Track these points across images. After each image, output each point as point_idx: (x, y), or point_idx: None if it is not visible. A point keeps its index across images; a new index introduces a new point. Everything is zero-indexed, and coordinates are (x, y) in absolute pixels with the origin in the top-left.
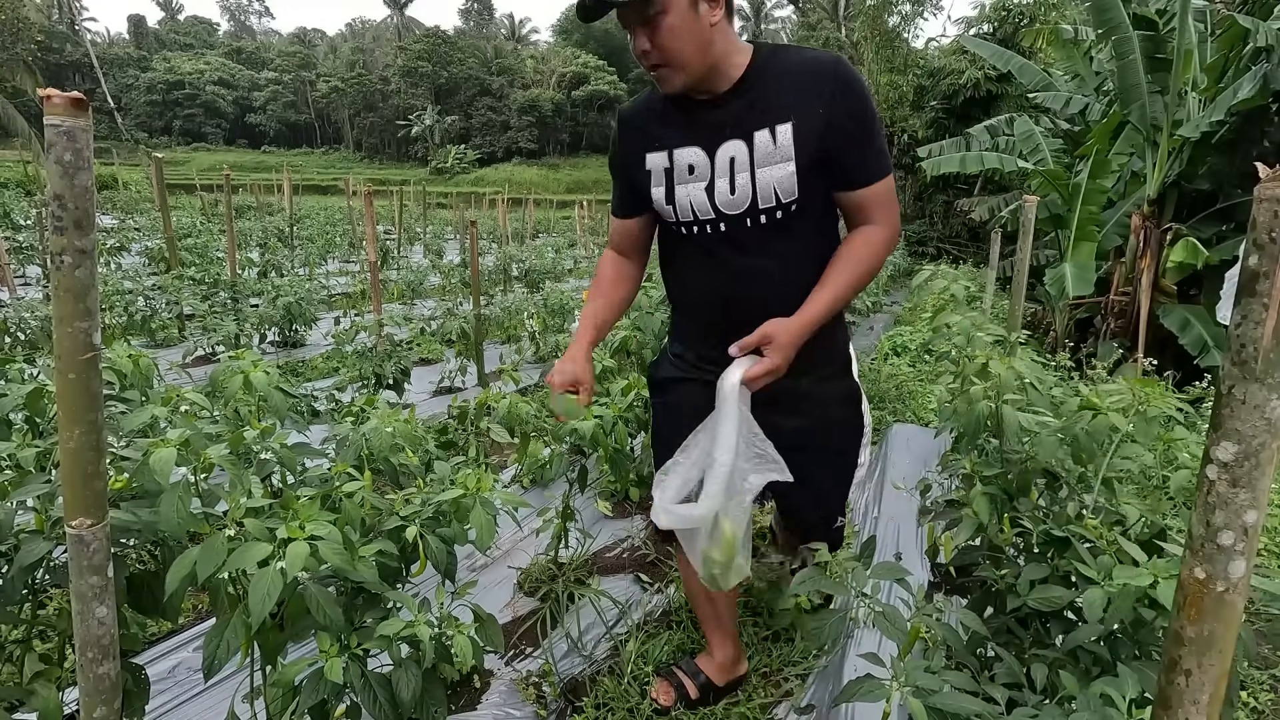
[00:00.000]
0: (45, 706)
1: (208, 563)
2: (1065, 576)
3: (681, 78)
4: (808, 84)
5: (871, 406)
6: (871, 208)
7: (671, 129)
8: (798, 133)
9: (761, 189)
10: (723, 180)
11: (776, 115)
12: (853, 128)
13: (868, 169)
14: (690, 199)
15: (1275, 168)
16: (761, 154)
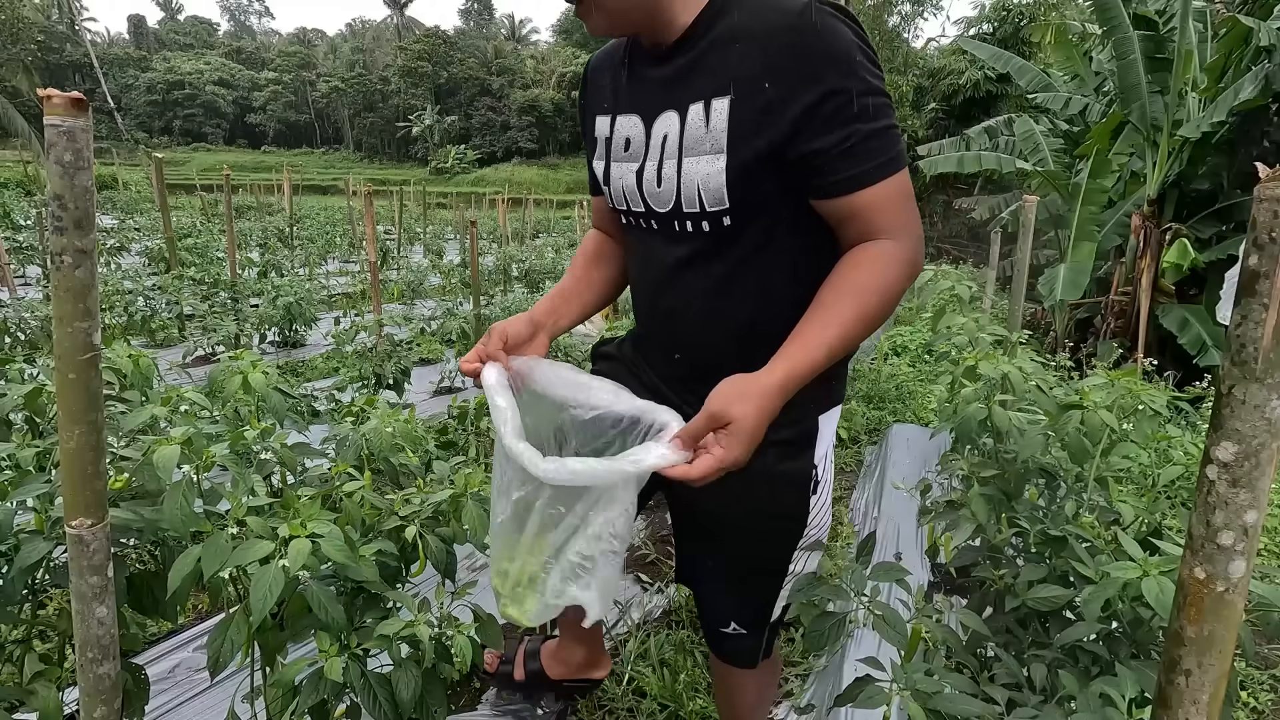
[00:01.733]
0: (45, 706)
1: (211, 560)
2: (1064, 576)
3: (604, 18)
4: (759, 43)
5: (871, 406)
6: (872, 217)
7: (621, 87)
8: (735, 114)
9: (685, 186)
10: (652, 164)
11: (717, 85)
12: (822, 108)
13: (857, 165)
14: (622, 183)
15: (1275, 168)
16: (691, 136)
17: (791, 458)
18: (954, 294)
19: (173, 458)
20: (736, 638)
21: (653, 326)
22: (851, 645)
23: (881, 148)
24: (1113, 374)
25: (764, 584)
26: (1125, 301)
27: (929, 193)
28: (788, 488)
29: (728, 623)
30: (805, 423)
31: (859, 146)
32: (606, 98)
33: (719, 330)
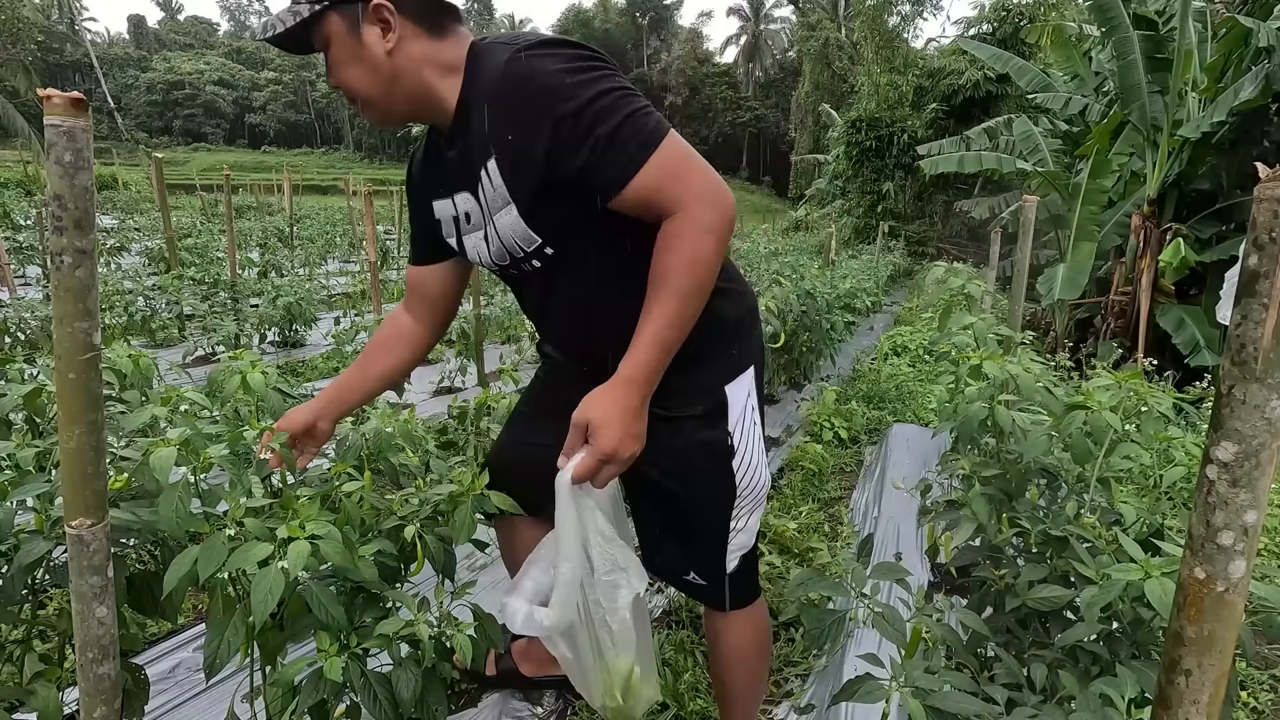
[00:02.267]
0: (45, 706)
1: (208, 562)
2: (1064, 576)
3: (377, 114)
4: (496, 105)
5: (871, 406)
6: (654, 199)
7: (445, 169)
8: (502, 170)
9: (505, 240)
10: (489, 229)
11: (483, 151)
12: (559, 135)
13: (618, 163)
14: (477, 250)
15: (1275, 168)
16: (488, 199)
17: (708, 429)
18: (964, 293)
19: (169, 459)
20: (699, 586)
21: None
22: (852, 645)
23: (628, 137)
24: (1117, 375)
25: (710, 540)
26: (1125, 301)
27: (929, 193)
28: (709, 457)
29: (687, 572)
30: (715, 395)
31: (607, 148)
32: (440, 181)
33: (604, 334)
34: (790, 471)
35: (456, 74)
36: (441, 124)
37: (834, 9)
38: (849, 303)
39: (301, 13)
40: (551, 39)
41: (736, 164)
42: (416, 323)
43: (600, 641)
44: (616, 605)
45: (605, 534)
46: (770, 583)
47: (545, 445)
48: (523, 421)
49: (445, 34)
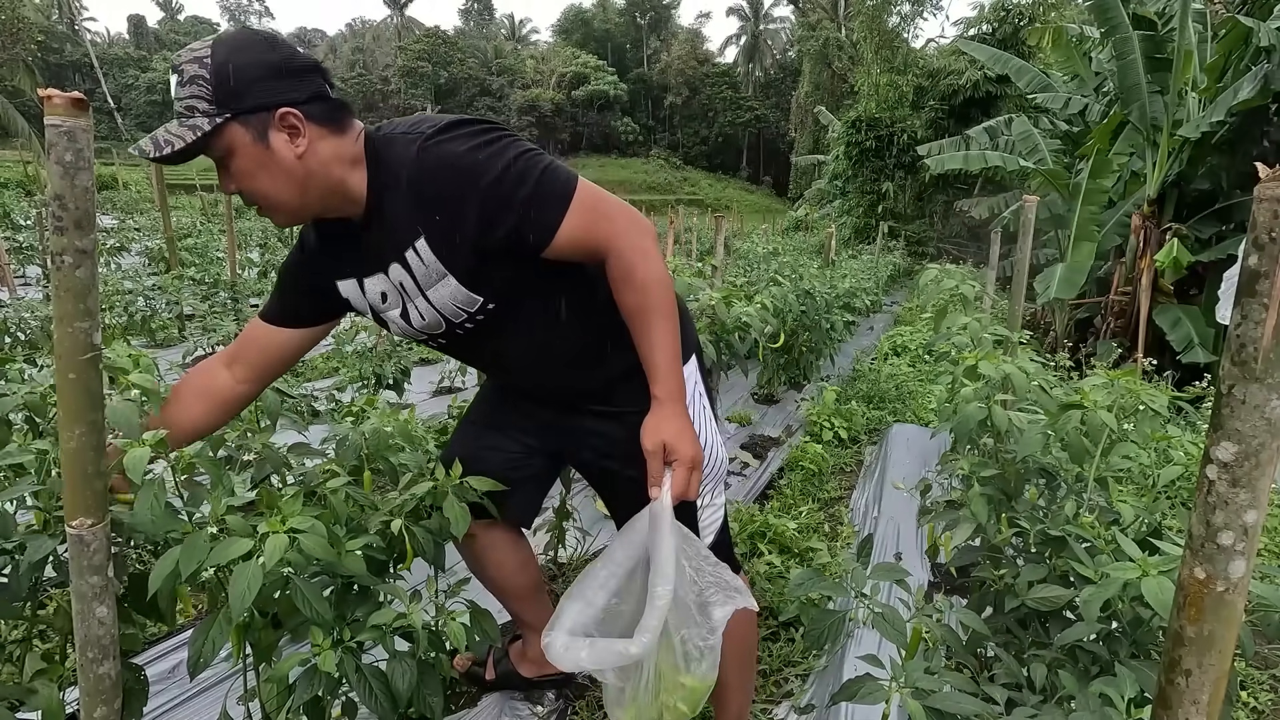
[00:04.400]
0: (47, 705)
1: (189, 560)
2: (1064, 576)
3: (286, 217)
4: (416, 190)
5: (871, 406)
6: (585, 243)
7: (351, 254)
8: (434, 246)
9: (442, 309)
10: (411, 305)
11: (409, 233)
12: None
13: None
14: (396, 325)
15: (1275, 168)
16: (420, 276)
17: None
18: (958, 294)
19: (143, 459)
20: None
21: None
22: (852, 645)
23: (548, 192)
24: (1113, 374)
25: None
26: (1125, 301)
27: (929, 193)
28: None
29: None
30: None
31: (531, 208)
32: (343, 264)
33: (555, 369)
34: (790, 471)
35: (361, 165)
36: (352, 213)
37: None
38: (848, 302)
39: (201, 127)
40: (450, 121)
41: (736, 164)
42: (239, 384)
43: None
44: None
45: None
46: (770, 582)
47: (499, 450)
48: (472, 430)
49: (345, 129)
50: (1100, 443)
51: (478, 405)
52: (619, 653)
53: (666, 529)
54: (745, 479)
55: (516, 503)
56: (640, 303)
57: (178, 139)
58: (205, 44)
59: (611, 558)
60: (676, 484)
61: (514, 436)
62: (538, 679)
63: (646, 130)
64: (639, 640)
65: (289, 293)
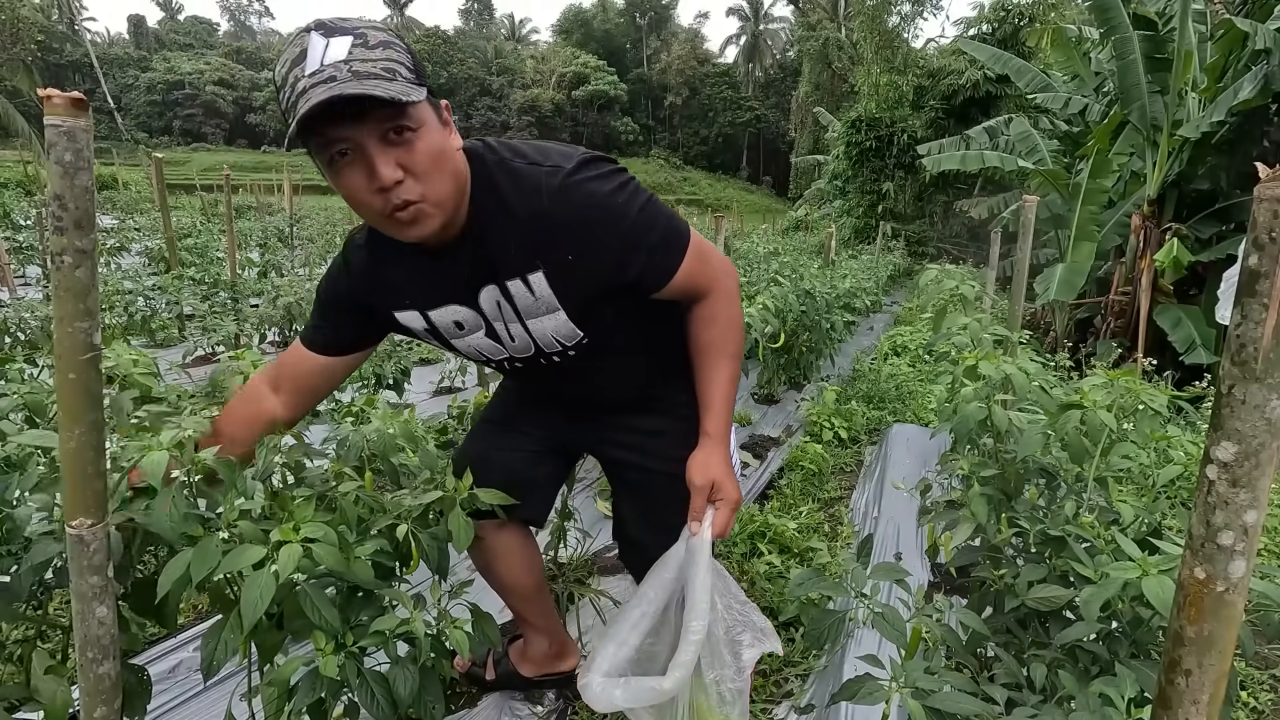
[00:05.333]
0: (52, 702)
1: (201, 566)
2: (1064, 576)
3: (438, 218)
4: (542, 226)
5: (871, 406)
6: (689, 287)
7: (413, 284)
8: (554, 281)
9: (540, 338)
10: (500, 325)
11: (523, 265)
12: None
13: (663, 268)
14: (476, 347)
15: (1275, 168)
16: (524, 306)
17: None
18: (957, 294)
19: (161, 462)
20: None
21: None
22: (852, 645)
23: (671, 240)
24: (1112, 374)
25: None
26: (1125, 301)
27: (929, 193)
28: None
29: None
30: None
31: (655, 254)
32: (406, 295)
33: (616, 391)
34: (790, 471)
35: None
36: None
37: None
38: (849, 302)
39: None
40: (587, 158)
41: (736, 164)
42: (283, 410)
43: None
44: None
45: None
46: (770, 582)
47: (516, 450)
48: (491, 430)
49: None
50: (1100, 443)
51: (496, 405)
52: (653, 689)
53: (705, 565)
54: (745, 479)
55: (531, 502)
56: (716, 341)
57: (412, 90)
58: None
59: (644, 597)
60: (718, 522)
61: (532, 435)
62: (538, 679)
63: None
64: (673, 675)
65: (331, 319)
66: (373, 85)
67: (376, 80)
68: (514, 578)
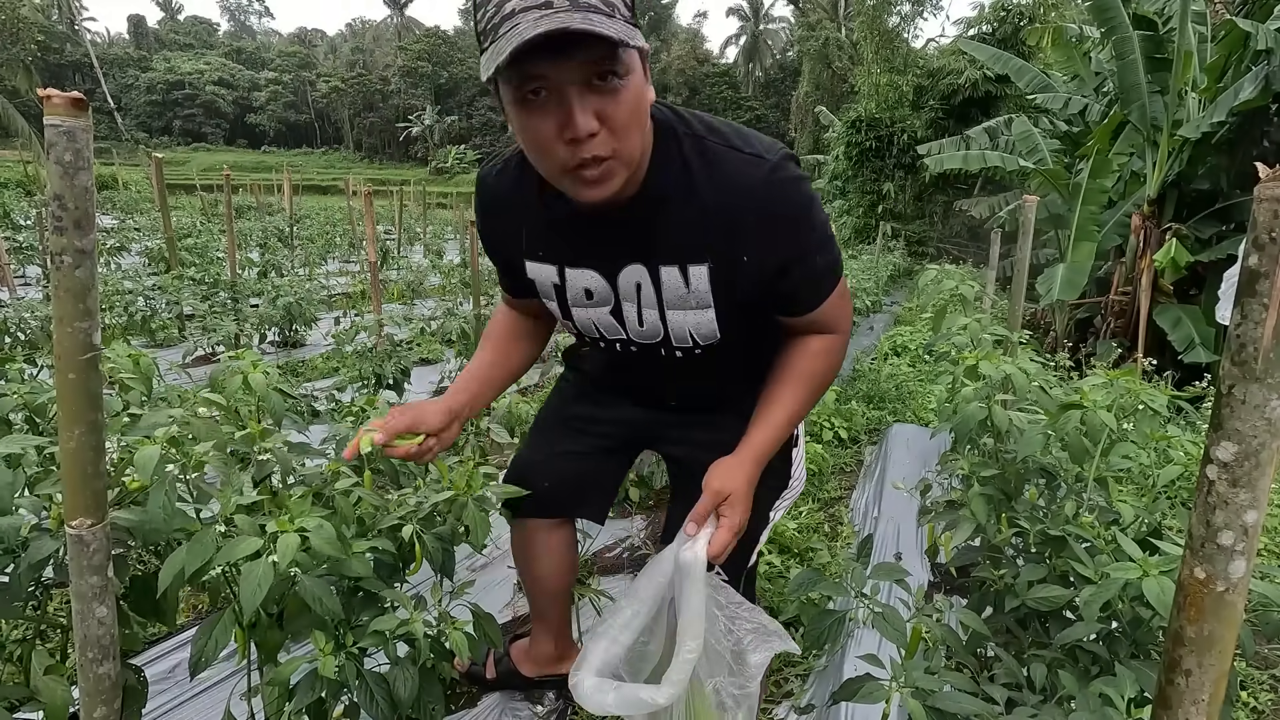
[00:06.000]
0: (52, 701)
1: (196, 557)
2: (1064, 576)
3: (623, 176)
4: (729, 218)
5: (871, 406)
6: (824, 320)
7: (556, 237)
8: (716, 278)
9: (675, 331)
10: (630, 306)
11: (688, 253)
12: (787, 258)
13: (817, 293)
14: (594, 321)
15: (1275, 168)
16: (670, 295)
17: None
18: (957, 294)
19: (153, 457)
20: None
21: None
22: (852, 645)
23: (832, 267)
24: (1112, 374)
25: (750, 535)
26: (1125, 301)
27: (929, 193)
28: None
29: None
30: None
31: (816, 278)
32: (537, 244)
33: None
34: None
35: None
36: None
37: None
38: None
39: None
40: (786, 155)
41: None
42: (536, 321)
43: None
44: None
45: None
46: (770, 582)
47: (576, 455)
48: (549, 433)
49: None
50: (1100, 443)
51: (554, 409)
52: (645, 701)
53: (698, 581)
54: None
55: (593, 503)
56: (810, 374)
57: (634, 32)
58: None
59: (637, 595)
60: (715, 543)
61: (600, 434)
62: (538, 678)
63: None
64: (664, 691)
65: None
66: (597, 21)
67: (598, 15)
68: (554, 576)
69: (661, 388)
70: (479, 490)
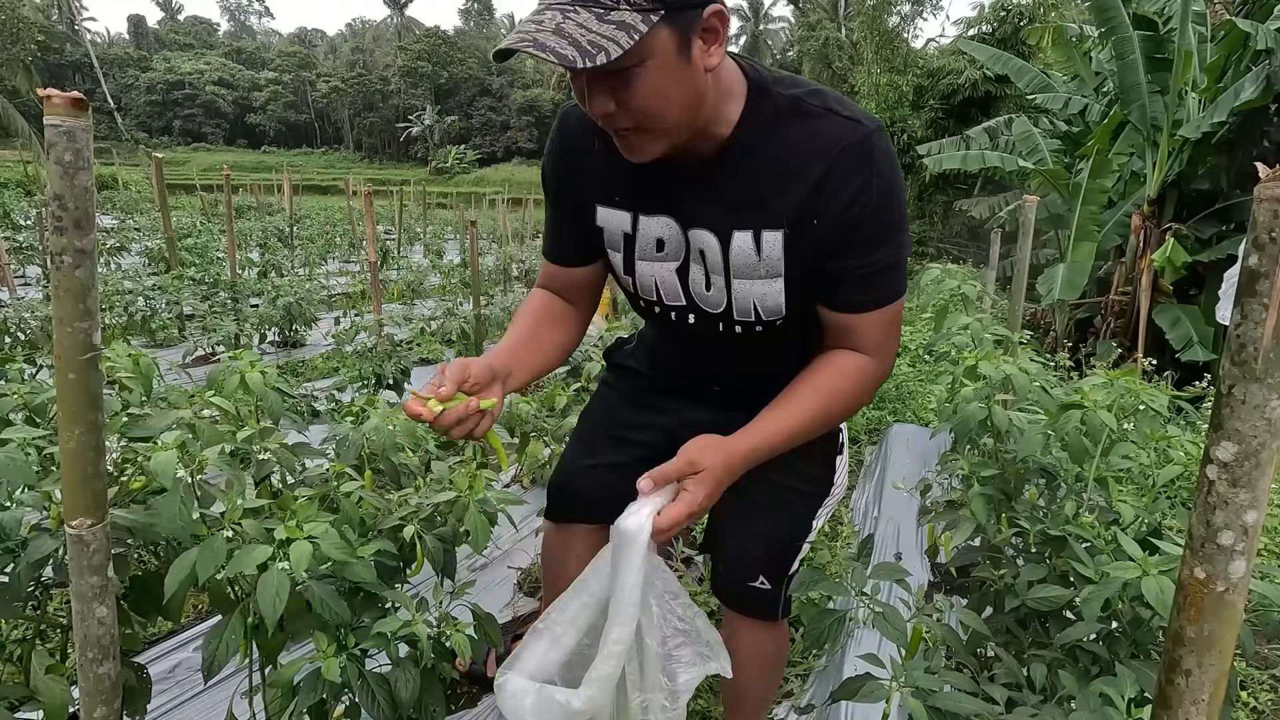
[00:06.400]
0: (51, 701)
1: (207, 565)
2: (1064, 576)
3: (661, 145)
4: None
5: (871, 406)
6: (864, 335)
7: (634, 181)
8: (791, 246)
9: (738, 301)
10: (697, 269)
11: (766, 217)
12: (858, 236)
13: (866, 289)
14: (656, 279)
15: (1275, 168)
16: (739, 263)
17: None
18: (959, 294)
19: (170, 462)
20: (762, 592)
21: (688, 370)
22: (852, 645)
23: (891, 280)
24: (1112, 374)
25: (790, 540)
26: (1125, 301)
27: (929, 193)
28: (818, 453)
29: (756, 577)
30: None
31: (875, 276)
32: (613, 187)
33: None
34: None
35: (737, 98)
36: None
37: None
38: None
39: (636, 29)
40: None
41: None
42: (572, 306)
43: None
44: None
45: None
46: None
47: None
48: (593, 441)
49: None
50: (1100, 443)
51: (599, 414)
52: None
53: (636, 557)
54: None
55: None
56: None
57: (609, 43)
58: None
59: (585, 588)
60: (666, 515)
61: (634, 444)
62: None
63: None
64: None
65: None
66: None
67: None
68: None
69: (712, 371)
70: (481, 493)
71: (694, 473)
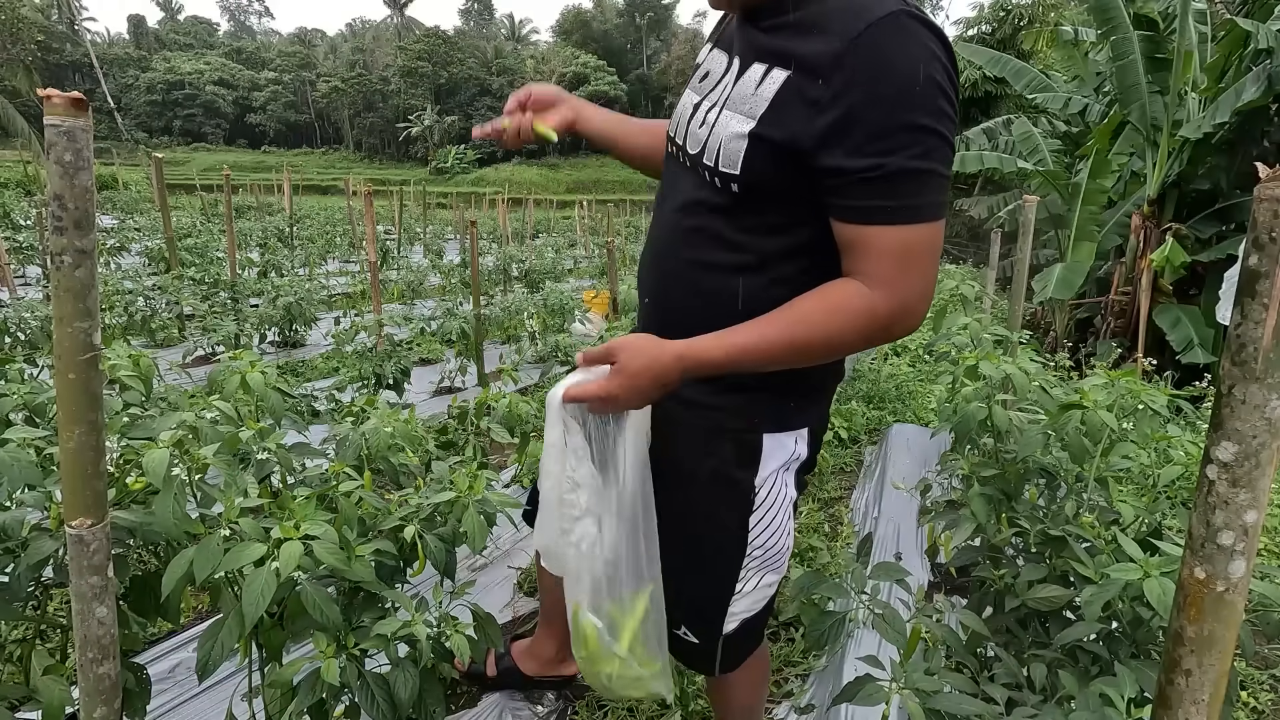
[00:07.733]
0: (51, 701)
1: (204, 563)
2: (1064, 576)
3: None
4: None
5: (871, 406)
6: (872, 258)
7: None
8: (783, 91)
9: (713, 136)
10: (708, 103)
11: (784, 55)
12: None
13: (868, 199)
14: (682, 108)
15: (1275, 168)
16: (738, 91)
17: (730, 470)
18: (957, 294)
19: (163, 461)
20: (691, 645)
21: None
22: (852, 645)
23: (908, 190)
24: (1112, 374)
25: (708, 593)
26: (1125, 301)
27: None
28: (723, 501)
29: (678, 625)
30: (748, 438)
31: (883, 181)
32: (718, 30)
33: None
34: None
35: None
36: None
37: None
38: None
39: None
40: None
41: None
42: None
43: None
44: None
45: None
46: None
47: None
48: None
49: None
50: (1100, 443)
51: None
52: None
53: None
54: None
55: None
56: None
57: None
58: None
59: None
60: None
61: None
62: (539, 677)
63: None
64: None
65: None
66: None
67: None
68: None
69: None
70: (480, 493)
71: (613, 360)
